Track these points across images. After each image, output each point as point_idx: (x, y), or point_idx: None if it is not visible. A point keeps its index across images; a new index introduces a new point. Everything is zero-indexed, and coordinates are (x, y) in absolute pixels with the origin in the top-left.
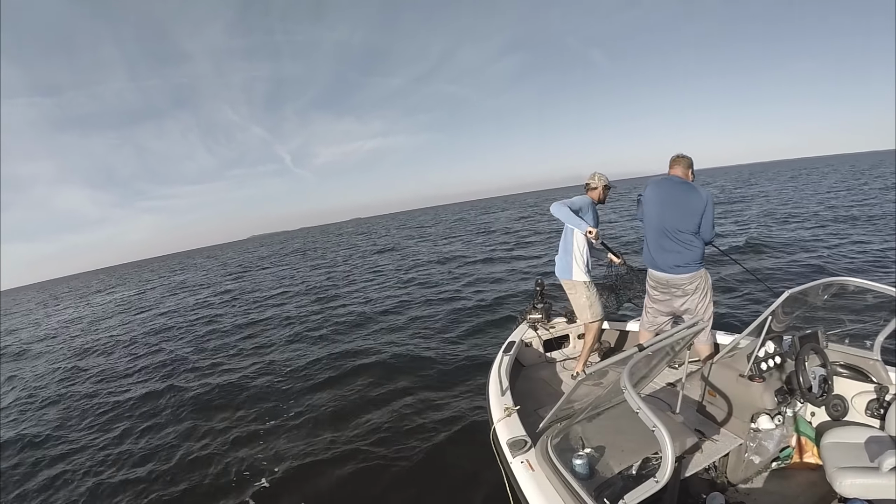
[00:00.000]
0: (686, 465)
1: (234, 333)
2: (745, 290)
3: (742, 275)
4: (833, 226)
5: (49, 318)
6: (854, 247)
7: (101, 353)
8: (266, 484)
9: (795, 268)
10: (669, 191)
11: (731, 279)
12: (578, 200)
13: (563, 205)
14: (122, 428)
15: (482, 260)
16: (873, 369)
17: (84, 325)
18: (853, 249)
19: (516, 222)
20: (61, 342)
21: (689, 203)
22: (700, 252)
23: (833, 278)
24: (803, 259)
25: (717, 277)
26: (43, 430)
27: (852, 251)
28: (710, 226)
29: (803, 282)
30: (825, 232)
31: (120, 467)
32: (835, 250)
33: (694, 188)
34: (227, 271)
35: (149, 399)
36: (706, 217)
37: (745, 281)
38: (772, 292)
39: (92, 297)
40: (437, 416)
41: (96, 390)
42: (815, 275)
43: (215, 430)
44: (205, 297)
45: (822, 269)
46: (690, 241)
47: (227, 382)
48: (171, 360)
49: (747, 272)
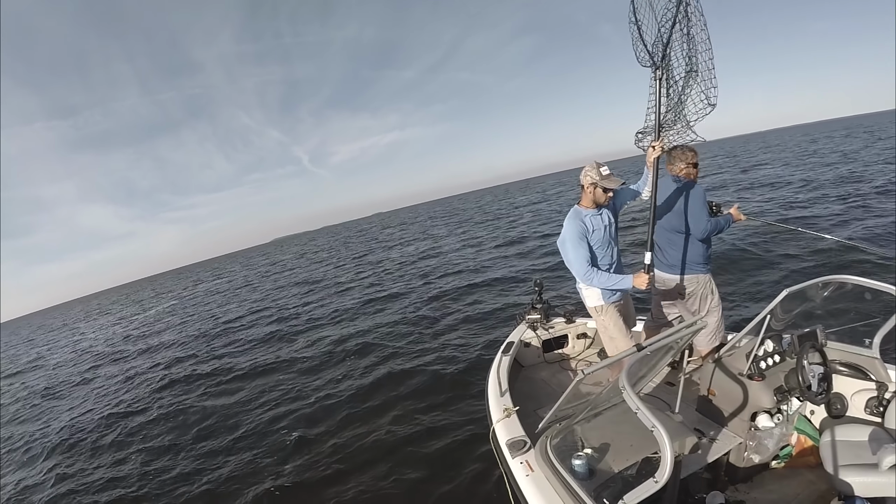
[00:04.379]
0: (685, 464)
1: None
2: (745, 290)
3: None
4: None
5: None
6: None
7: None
8: (266, 485)
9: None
10: (661, 188)
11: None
12: (570, 230)
13: (581, 264)
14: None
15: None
16: (872, 367)
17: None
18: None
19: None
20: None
21: (675, 200)
22: (696, 253)
23: (831, 276)
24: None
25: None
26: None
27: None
28: (697, 221)
29: (803, 280)
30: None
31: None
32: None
33: (681, 184)
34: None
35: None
36: (690, 212)
37: (745, 281)
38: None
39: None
40: (436, 417)
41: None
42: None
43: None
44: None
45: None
46: (678, 241)
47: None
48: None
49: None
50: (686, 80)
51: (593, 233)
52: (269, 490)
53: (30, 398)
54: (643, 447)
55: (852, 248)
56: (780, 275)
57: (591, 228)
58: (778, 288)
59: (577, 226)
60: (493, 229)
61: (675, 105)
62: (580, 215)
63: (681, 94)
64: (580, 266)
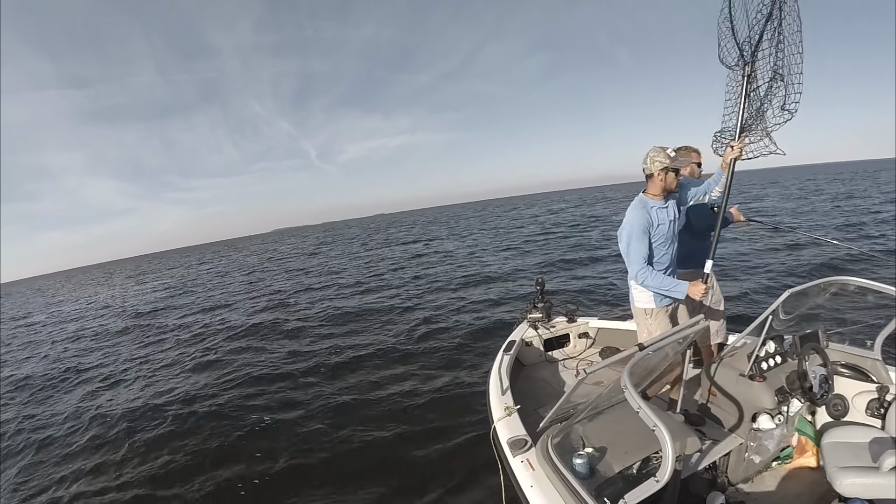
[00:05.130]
0: (686, 464)
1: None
2: (745, 291)
3: (741, 276)
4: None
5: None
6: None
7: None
8: (258, 481)
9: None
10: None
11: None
12: (633, 220)
13: (637, 261)
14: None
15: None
16: (874, 369)
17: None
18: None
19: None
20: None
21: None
22: (697, 249)
23: (833, 278)
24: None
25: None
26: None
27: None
28: (699, 214)
29: (804, 281)
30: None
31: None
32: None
33: (685, 182)
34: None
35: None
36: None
37: (745, 282)
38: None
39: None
40: (436, 415)
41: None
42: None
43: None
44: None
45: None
46: (684, 238)
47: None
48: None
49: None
50: (769, 85)
51: (657, 227)
52: (262, 486)
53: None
54: (644, 447)
55: (853, 250)
56: (779, 276)
57: (656, 222)
58: (778, 289)
59: (643, 217)
60: (494, 235)
61: (755, 110)
62: (646, 205)
63: (762, 98)
64: (636, 263)
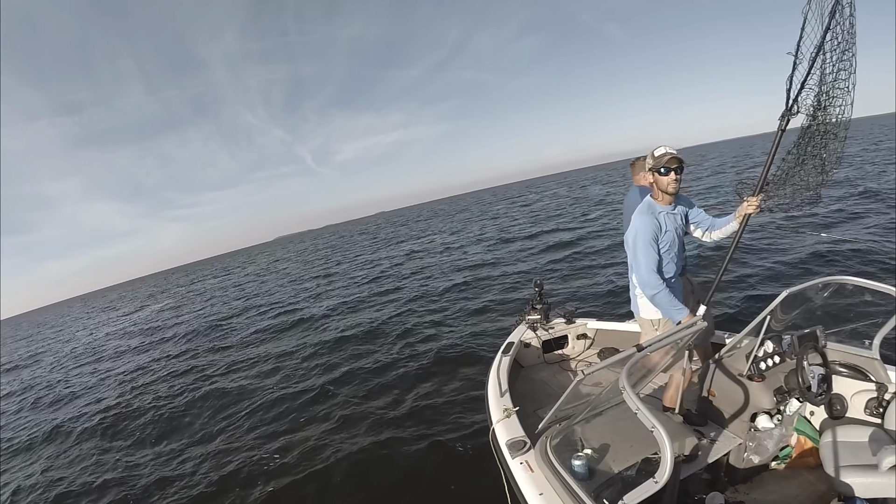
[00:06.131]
0: (685, 464)
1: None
2: (744, 291)
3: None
4: None
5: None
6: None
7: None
8: (261, 483)
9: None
10: (630, 200)
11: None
12: (641, 226)
13: (648, 271)
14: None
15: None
16: (872, 368)
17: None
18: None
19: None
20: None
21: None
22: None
23: (831, 277)
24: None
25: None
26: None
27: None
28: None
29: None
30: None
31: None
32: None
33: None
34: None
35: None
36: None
37: (744, 281)
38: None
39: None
40: (435, 416)
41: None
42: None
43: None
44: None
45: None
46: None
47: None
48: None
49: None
50: (817, 138)
51: (665, 234)
52: (266, 489)
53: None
54: (643, 448)
55: (851, 246)
56: (778, 276)
57: (663, 228)
58: (776, 288)
59: (651, 224)
60: (492, 227)
61: (796, 162)
62: (654, 210)
63: (803, 154)
64: (647, 273)
